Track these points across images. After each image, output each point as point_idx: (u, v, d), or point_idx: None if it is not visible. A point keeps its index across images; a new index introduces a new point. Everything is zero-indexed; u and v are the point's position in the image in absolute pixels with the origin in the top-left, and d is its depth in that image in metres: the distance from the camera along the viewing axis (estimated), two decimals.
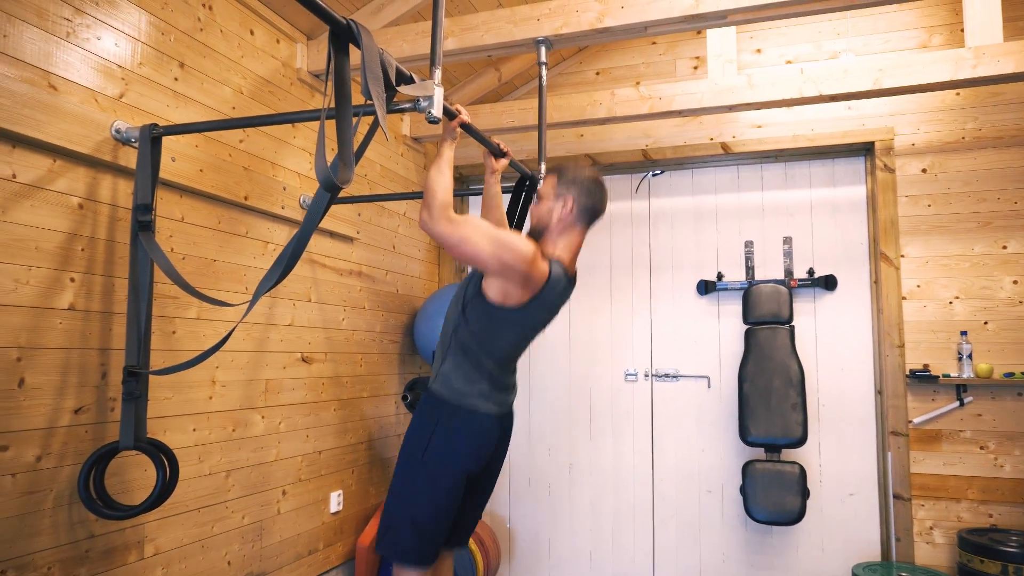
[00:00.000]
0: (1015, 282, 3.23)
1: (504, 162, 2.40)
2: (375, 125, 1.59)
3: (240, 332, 2.54)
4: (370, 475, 3.36)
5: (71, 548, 1.91)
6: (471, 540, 3.46)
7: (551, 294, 2.03)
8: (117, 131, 2.04)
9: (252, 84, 2.64)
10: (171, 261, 2.20)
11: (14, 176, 1.80)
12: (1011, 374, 3.15)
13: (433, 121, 1.75)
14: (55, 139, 1.86)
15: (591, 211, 2.13)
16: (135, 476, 2.10)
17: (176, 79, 2.29)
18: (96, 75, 2.02)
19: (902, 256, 3.37)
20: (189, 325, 2.32)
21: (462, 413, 2.05)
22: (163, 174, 2.15)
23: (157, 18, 2.23)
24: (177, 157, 2.25)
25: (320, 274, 3.02)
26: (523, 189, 2.64)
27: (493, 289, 1.99)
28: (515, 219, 2.66)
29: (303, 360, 2.89)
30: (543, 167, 2.61)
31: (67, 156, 1.93)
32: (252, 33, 2.64)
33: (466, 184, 4.28)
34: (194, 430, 2.33)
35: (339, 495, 3.09)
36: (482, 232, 1.89)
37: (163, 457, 1.97)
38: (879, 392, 3.43)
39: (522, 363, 4.03)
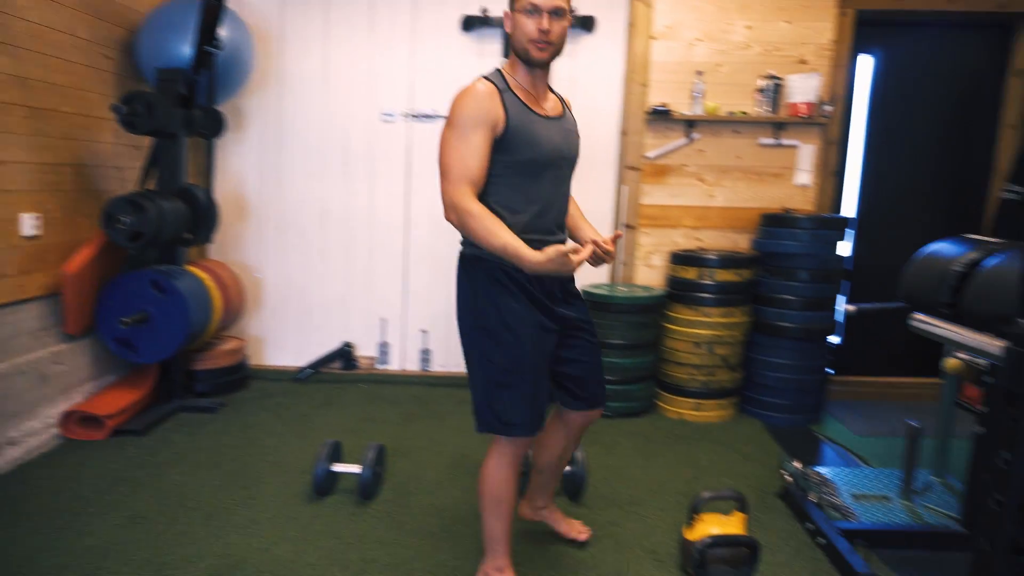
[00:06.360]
0: (748, 27, 3.40)
1: None
2: None
3: None
4: (79, 205, 2.95)
5: None
6: (207, 274, 3.26)
7: None
8: None
9: None
10: None
11: None
12: (732, 112, 3.42)
13: None
14: None
15: None
16: None
17: None
18: None
19: None
20: None
21: None
22: None
23: None
24: None
25: None
26: None
27: None
28: None
29: None
30: None
31: None
32: None
33: None
34: None
35: (35, 218, 2.69)
36: None
37: None
38: (623, 132, 3.57)
39: (270, 102, 3.68)
